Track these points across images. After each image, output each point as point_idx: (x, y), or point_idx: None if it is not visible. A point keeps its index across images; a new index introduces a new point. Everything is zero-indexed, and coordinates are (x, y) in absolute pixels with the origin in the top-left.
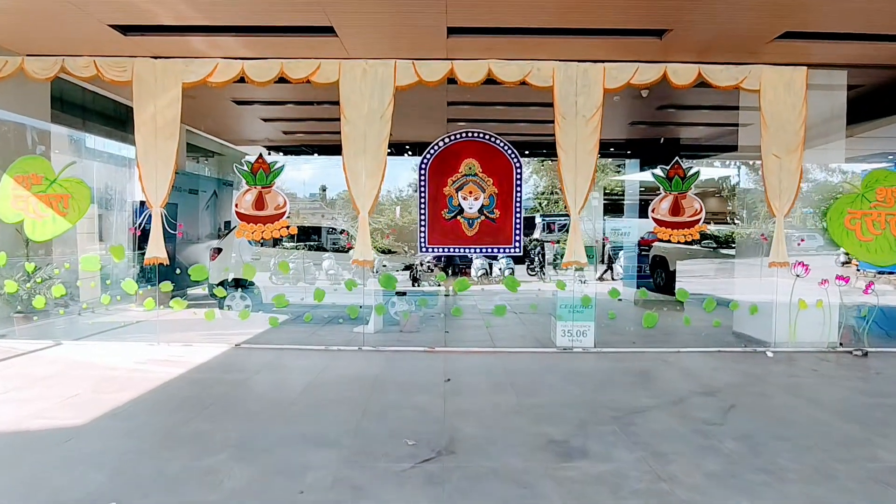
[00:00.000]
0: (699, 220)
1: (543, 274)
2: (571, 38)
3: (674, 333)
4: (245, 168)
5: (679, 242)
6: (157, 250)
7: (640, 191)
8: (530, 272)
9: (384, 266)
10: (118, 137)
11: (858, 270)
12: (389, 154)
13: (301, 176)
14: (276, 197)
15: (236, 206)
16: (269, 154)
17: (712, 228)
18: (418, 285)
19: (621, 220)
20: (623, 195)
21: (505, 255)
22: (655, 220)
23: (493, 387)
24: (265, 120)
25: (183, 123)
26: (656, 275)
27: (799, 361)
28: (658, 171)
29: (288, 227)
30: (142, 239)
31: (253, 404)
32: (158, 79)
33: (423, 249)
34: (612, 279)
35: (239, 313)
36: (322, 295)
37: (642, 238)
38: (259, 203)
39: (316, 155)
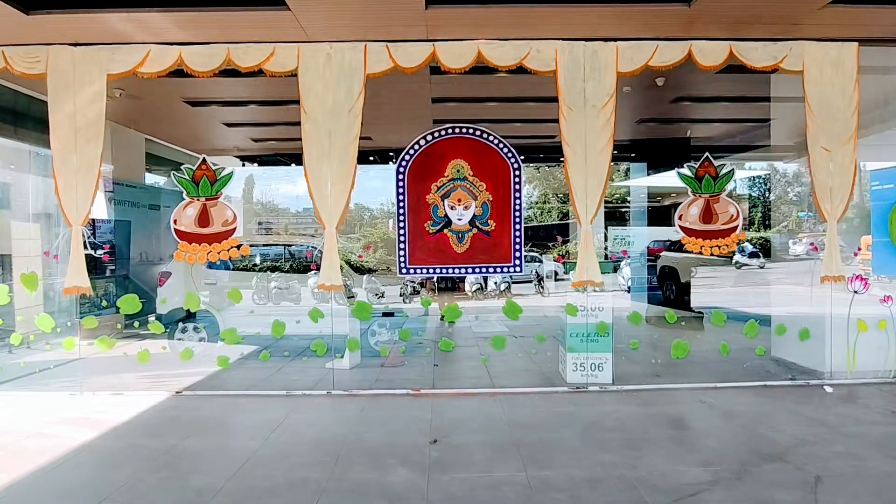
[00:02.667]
0: (736, 227)
1: (542, 288)
2: (578, 8)
3: (702, 362)
4: (185, 176)
5: (713, 255)
6: (77, 278)
7: (648, 197)
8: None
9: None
10: None
11: (875, 276)
12: (373, 162)
13: (296, 190)
14: (223, 211)
15: (174, 222)
16: (251, 165)
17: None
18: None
19: (625, 229)
20: (622, 202)
21: (503, 274)
22: (683, 228)
23: (493, 452)
24: (228, 125)
25: (140, 132)
26: (666, 287)
27: (868, 399)
28: (685, 170)
29: (239, 247)
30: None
31: (164, 496)
32: (78, 70)
33: (404, 271)
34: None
35: (180, 353)
36: (281, 329)
37: (649, 247)
38: (203, 218)
39: (293, 165)
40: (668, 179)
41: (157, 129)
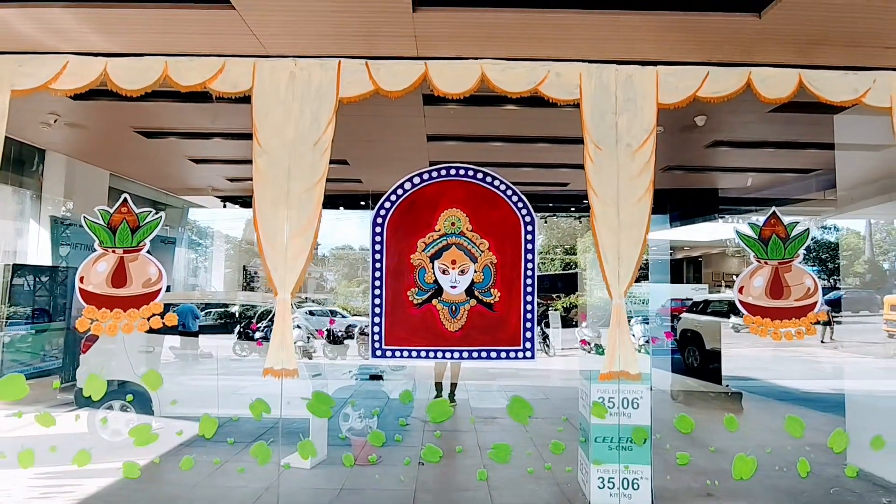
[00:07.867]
0: (814, 304)
1: (548, 346)
2: (611, 16)
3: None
4: (98, 220)
5: (786, 339)
6: None
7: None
8: None
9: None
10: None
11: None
12: (364, 207)
13: None
14: (145, 266)
15: (80, 280)
16: (233, 206)
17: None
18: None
19: (638, 285)
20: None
21: (509, 360)
22: (745, 304)
23: None
24: (196, 161)
25: (100, 167)
26: (688, 353)
27: None
28: (745, 228)
29: (163, 315)
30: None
31: None
32: None
33: (378, 353)
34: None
35: (73, 457)
36: (212, 428)
37: (672, 306)
38: (118, 276)
39: None
40: (693, 233)
41: (119, 165)
